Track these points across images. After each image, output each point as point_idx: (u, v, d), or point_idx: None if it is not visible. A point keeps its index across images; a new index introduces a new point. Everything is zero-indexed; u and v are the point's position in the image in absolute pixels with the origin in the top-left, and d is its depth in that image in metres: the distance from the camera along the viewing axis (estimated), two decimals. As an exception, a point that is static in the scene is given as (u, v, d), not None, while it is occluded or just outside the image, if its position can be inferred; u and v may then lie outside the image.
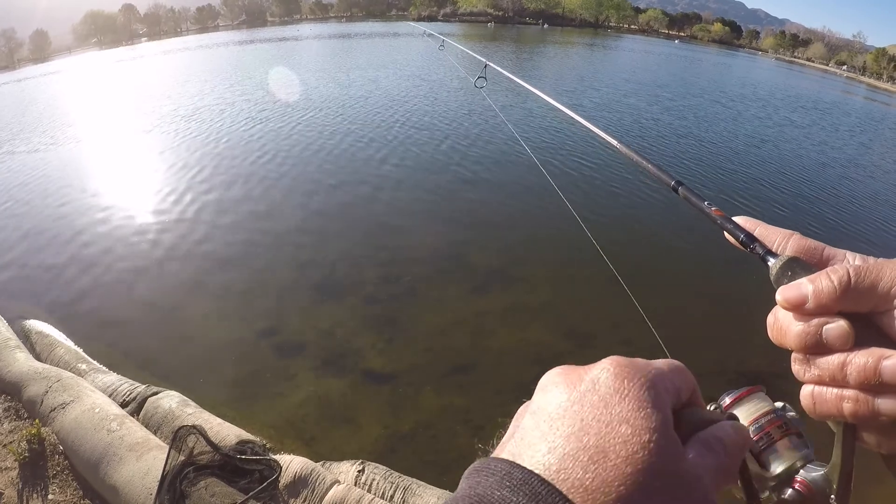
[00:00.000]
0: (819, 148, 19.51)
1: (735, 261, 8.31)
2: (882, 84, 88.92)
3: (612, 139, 1.34)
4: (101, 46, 71.08)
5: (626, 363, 0.44)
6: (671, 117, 21.19)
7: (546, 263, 8.56)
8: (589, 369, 0.45)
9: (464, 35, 66.07)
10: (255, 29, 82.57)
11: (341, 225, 9.67)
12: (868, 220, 12.21)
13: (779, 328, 0.51)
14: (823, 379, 0.48)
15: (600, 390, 0.42)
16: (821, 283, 0.48)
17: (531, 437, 0.41)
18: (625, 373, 0.43)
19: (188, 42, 62.50)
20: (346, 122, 16.68)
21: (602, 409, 0.40)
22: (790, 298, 0.50)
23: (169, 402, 4.79)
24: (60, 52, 67.65)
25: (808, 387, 0.50)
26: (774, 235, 0.59)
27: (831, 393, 0.48)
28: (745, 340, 6.68)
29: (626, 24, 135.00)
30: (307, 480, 3.95)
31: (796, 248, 0.56)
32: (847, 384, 0.47)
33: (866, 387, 0.46)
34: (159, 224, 9.63)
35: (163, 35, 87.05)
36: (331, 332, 6.70)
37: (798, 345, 0.49)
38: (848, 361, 0.46)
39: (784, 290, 0.51)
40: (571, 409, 0.41)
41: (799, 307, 0.49)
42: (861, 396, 0.46)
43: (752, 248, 0.59)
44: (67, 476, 4.24)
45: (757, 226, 0.61)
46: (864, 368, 0.45)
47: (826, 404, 0.49)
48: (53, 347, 5.84)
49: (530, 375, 6.05)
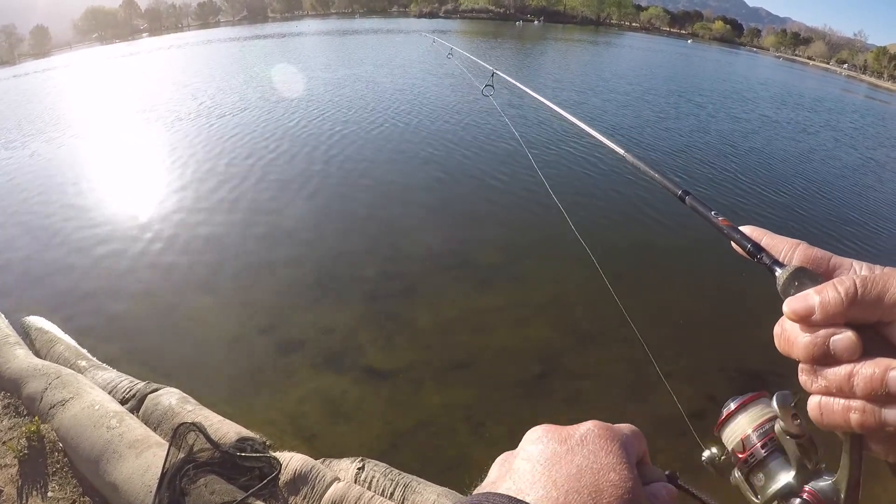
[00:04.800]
0: (815, 147, 19.52)
1: (735, 260, 8.30)
2: (883, 83, 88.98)
3: (619, 149, 1.35)
4: (101, 42, 70.99)
5: (607, 427, 0.56)
6: (683, 117, 21.22)
7: (547, 261, 8.55)
8: (575, 428, 0.56)
9: (466, 32, 65.96)
10: (256, 25, 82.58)
11: (342, 222, 9.67)
12: (866, 223, 12.20)
13: (786, 339, 0.52)
14: (831, 390, 0.49)
15: (589, 445, 0.53)
16: (828, 294, 0.49)
17: (530, 478, 0.51)
18: (607, 434, 0.54)
19: (189, 38, 62.49)
20: (348, 121, 16.66)
21: (593, 459, 0.51)
22: (797, 310, 0.50)
23: (169, 398, 4.78)
24: (61, 47, 67.60)
25: (815, 397, 0.50)
26: (781, 245, 0.59)
27: (839, 404, 0.48)
28: (744, 339, 6.70)
29: (627, 21, 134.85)
30: (307, 478, 3.95)
31: (803, 257, 0.57)
32: (854, 395, 0.47)
33: (874, 397, 0.46)
34: (159, 220, 9.63)
35: (164, 31, 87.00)
36: (331, 329, 6.70)
37: (805, 356, 0.50)
38: (855, 372, 0.47)
39: (791, 302, 0.51)
40: (566, 457, 0.52)
41: (806, 319, 0.50)
42: (868, 407, 0.46)
43: (759, 258, 0.59)
44: (67, 473, 4.24)
45: (764, 235, 0.61)
46: (871, 379, 0.46)
47: (833, 415, 0.49)
48: (53, 344, 5.83)
49: (531, 372, 6.09)
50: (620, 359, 6.47)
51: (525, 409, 5.65)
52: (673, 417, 5.70)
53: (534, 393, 5.89)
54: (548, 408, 5.66)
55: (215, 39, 54.17)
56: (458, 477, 4.59)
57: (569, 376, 6.19)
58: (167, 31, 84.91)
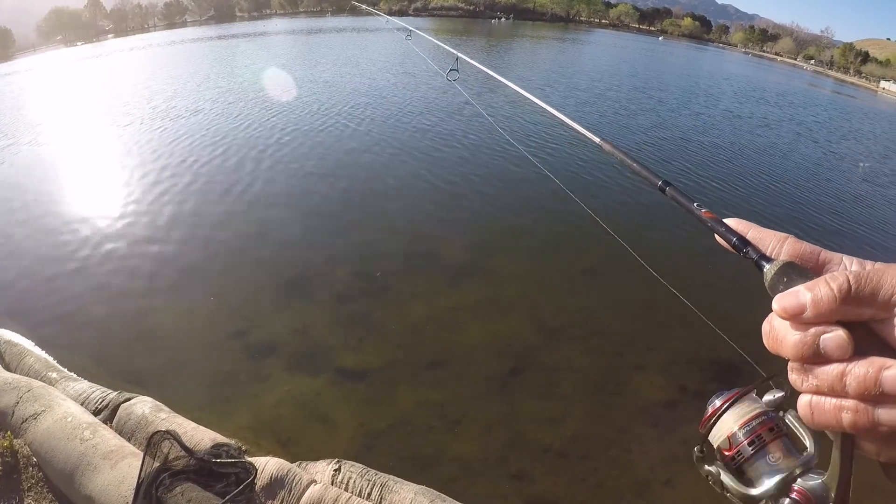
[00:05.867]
0: (792, 140, 20.00)
1: (711, 249, 8.49)
2: (849, 77, 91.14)
3: (595, 137, 1.26)
4: (66, 44, 69.45)
5: None
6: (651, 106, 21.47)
7: (516, 257, 8.66)
8: None
9: (437, 30, 65.85)
10: (223, 24, 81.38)
11: (310, 222, 9.67)
12: (830, 210, 12.54)
13: (775, 337, 0.50)
14: (822, 389, 0.48)
15: None
16: (820, 291, 0.47)
17: None
18: None
19: (155, 38, 61.39)
20: (313, 119, 16.59)
21: None
22: (788, 308, 0.49)
23: (142, 407, 4.75)
24: (25, 50, 65.98)
25: (805, 396, 0.49)
26: (768, 239, 0.57)
27: (830, 403, 0.47)
28: (715, 330, 6.80)
29: (596, 18, 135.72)
30: (283, 481, 3.96)
31: (791, 252, 0.55)
32: (846, 394, 0.46)
33: (866, 397, 0.45)
34: (125, 226, 9.51)
35: (130, 31, 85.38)
36: (303, 332, 6.72)
37: (795, 355, 0.48)
38: (847, 371, 0.46)
39: (781, 299, 0.49)
40: None
41: (797, 316, 0.48)
42: (861, 407, 0.46)
43: (745, 252, 0.57)
44: (42, 488, 4.20)
45: (750, 228, 0.59)
46: (864, 378, 0.45)
47: (825, 414, 0.48)
48: (23, 357, 5.74)
49: (503, 369, 6.18)
50: (592, 352, 6.60)
51: (499, 405, 5.73)
52: (648, 406, 5.86)
53: (507, 389, 5.97)
54: (522, 403, 5.75)
55: (181, 40, 53.31)
56: (435, 475, 4.65)
57: (542, 371, 6.29)
58: (133, 32, 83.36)
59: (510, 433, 5.40)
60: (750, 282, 0.56)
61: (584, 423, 5.57)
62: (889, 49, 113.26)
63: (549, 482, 4.95)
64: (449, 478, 4.73)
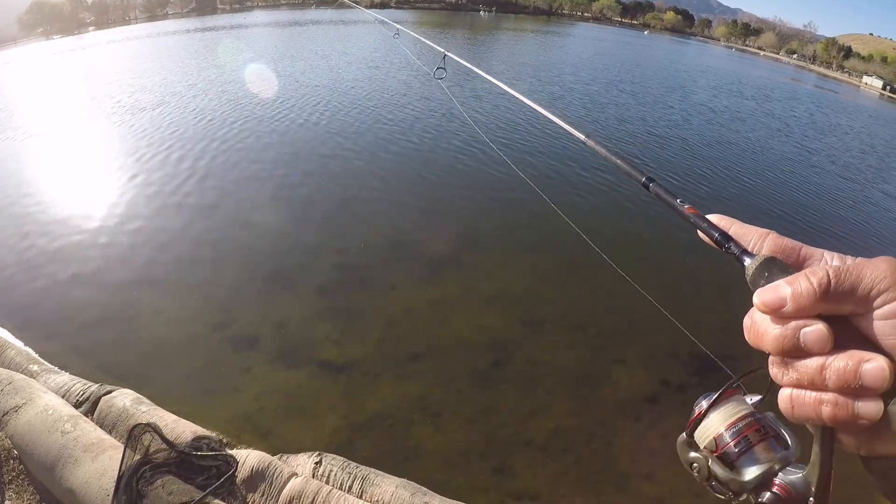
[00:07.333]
0: (776, 135, 20.24)
1: (683, 245, 8.59)
2: (831, 72, 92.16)
3: (580, 134, 1.25)
4: (47, 36, 68.30)
5: None
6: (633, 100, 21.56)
7: (498, 251, 8.71)
8: None
9: (420, 22, 65.56)
10: (205, 17, 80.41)
11: (292, 215, 9.67)
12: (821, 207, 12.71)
13: (755, 331, 0.51)
14: (802, 382, 0.48)
15: None
16: (799, 285, 0.48)
17: None
18: None
19: (136, 31, 60.59)
20: (294, 112, 16.51)
21: None
22: (768, 302, 0.49)
23: (123, 400, 4.75)
24: (6, 42, 64.85)
25: (786, 390, 0.50)
26: (750, 234, 0.58)
27: (810, 396, 0.48)
28: (695, 324, 6.85)
29: (579, 11, 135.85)
30: (265, 474, 3.98)
31: (773, 247, 0.56)
32: (826, 388, 0.47)
33: (846, 390, 0.46)
34: (105, 218, 9.45)
35: (111, 24, 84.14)
36: (284, 324, 6.73)
37: (776, 348, 0.49)
38: (827, 365, 0.46)
39: (761, 293, 0.50)
40: None
41: (777, 310, 0.49)
42: (840, 400, 0.46)
43: (727, 247, 0.57)
44: (23, 481, 4.19)
45: (732, 224, 0.60)
46: (843, 372, 0.45)
47: (805, 408, 0.48)
48: (4, 349, 5.71)
49: (485, 362, 6.24)
50: (573, 345, 6.67)
51: (481, 398, 5.78)
52: (630, 400, 5.94)
53: (489, 382, 6.02)
54: (503, 396, 5.81)
55: (162, 33, 52.65)
56: (416, 468, 4.69)
57: (523, 364, 6.34)
58: (114, 25, 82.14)
59: (491, 426, 5.44)
60: (731, 277, 0.58)
61: (566, 417, 5.63)
62: (872, 44, 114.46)
63: (531, 475, 5.00)
64: (430, 471, 4.78)
